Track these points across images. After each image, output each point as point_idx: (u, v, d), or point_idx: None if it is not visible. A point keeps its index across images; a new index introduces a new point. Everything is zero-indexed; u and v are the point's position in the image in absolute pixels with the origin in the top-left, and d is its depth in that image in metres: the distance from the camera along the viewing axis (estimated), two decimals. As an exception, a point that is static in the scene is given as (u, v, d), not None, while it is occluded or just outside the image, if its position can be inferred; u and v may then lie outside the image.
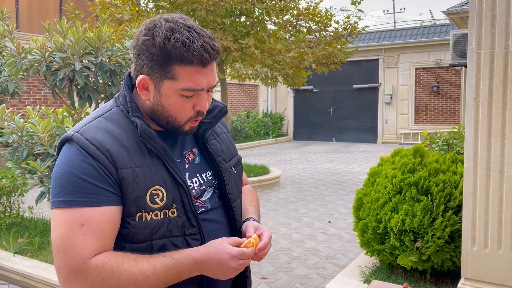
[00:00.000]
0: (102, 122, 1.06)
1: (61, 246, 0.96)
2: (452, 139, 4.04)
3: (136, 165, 1.02)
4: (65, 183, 0.98)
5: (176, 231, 1.05)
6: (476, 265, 2.68)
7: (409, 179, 3.20)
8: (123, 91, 1.11)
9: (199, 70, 1.01)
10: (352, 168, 10.13)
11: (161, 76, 1.02)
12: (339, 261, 4.22)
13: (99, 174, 0.98)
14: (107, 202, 0.98)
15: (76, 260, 0.94)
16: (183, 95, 1.03)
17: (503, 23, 2.50)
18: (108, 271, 0.95)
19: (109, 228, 0.98)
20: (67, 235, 0.95)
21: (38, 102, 9.08)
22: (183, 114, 1.07)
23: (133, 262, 0.97)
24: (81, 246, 0.95)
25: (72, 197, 0.97)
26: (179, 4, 6.86)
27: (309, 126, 17.12)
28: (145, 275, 0.97)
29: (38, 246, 3.92)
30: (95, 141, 1.00)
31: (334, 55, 8.17)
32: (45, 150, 3.60)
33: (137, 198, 1.01)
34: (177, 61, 0.99)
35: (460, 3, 9.40)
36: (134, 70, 1.08)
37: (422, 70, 14.79)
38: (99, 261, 0.95)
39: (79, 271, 0.94)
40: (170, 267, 0.99)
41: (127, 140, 1.04)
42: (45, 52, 3.65)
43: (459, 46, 8.51)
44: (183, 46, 0.98)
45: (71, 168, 0.99)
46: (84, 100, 3.81)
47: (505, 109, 2.53)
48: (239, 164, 1.29)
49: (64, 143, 1.05)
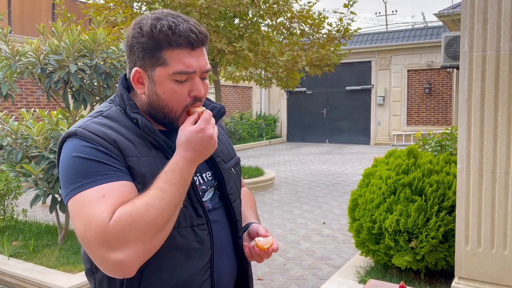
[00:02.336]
0: (102, 119, 1.05)
1: (85, 222, 0.91)
2: (445, 140, 4.09)
3: (141, 155, 1.02)
4: (77, 169, 0.95)
5: (183, 222, 1.04)
6: (470, 264, 2.71)
7: (403, 180, 3.24)
8: (120, 91, 1.11)
9: (189, 52, 1.02)
10: (346, 169, 10.18)
11: (153, 64, 1.02)
12: (334, 262, 4.25)
13: (110, 157, 0.97)
14: (125, 178, 0.97)
15: (99, 223, 0.89)
16: (176, 79, 1.03)
17: (494, 26, 2.55)
18: (128, 216, 0.90)
19: (131, 197, 0.95)
20: (89, 210, 0.91)
21: (31, 105, 9.02)
22: (179, 101, 1.05)
23: (141, 197, 0.94)
24: (102, 213, 0.90)
25: (86, 179, 0.94)
26: (173, 7, 6.86)
27: (302, 128, 17.17)
28: (158, 196, 0.94)
29: (33, 249, 3.90)
30: (101, 132, 0.99)
31: (327, 57, 8.22)
32: (40, 152, 3.59)
33: (144, 187, 0.98)
34: (166, 45, 1.01)
35: (452, 6, 9.51)
36: (128, 68, 1.09)
37: (414, 72, 14.91)
38: (115, 216, 0.90)
39: (104, 236, 0.89)
40: (170, 177, 0.97)
41: (130, 135, 1.04)
42: (40, 54, 3.65)
43: (450, 48, 8.60)
44: (169, 29, 1.00)
45: (79, 154, 0.96)
46: (79, 103, 3.81)
47: (497, 110, 2.57)
48: (238, 165, 1.29)
49: (65, 139, 1.02)
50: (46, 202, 3.81)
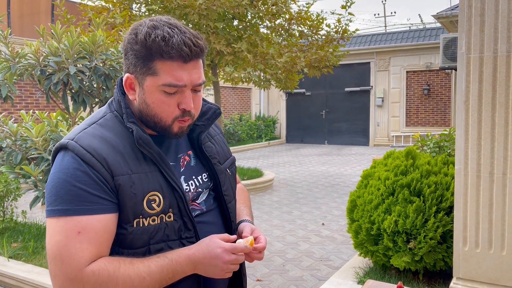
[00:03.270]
0: (97, 129, 1.05)
1: (57, 254, 0.95)
2: (443, 141, 4.10)
3: (132, 172, 1.02)
4: (60, 192, 0.97)
5: (173, 235, 1.06)
6: (468, 265, 2.73)
7: (401, 181, 3.25)
8: (117, 97, 1.10)
9: (180, 66, 1.01)
10: (345, 170, 10.19)
11: (144, 72, 1.02)
12: (333, 263, 4.26)
13: (95, 182, 0.98)
14: (103, 210, 0.98)
15: (73, 267, 0.94)
16: (165, 91, 1.02)
17: (492, 28, 2.56)
18: (105, 276, 0.95)
19: (105, 236, 0.98)
20: (63, 243, 0.95)
21: (30, 106, 9.03)
22: (167, 112, 1.05)
23: (129, 265, 0.97)
24: (78, 254, 0.94)
25: (68, 206, 0.96)
26: (172, 9, 6.88)
27: (301, 129, 17.19)
28: (141, 277, 0.97)
29: (32, 250, 3.91)
30: (91, 148, 1.00)
31: (326, 58, 8.24)
32: (39, 154, 3.60)
33: (134, 204, 1.01)
34: (157, 56, 0.99)
35: (450, 7, 9.54)
36: (124, 72, 1.09)
37: (413, 73, 14.94)
38: (95, 268, 0.95)
39: (75, 279, 0.94)
40: (165, 267, 1.00)
41: (123, 146, 1.04)
42: (39, 56, 3.66)
43: (449, 50, 8.62)
44: (162, 40, 0.98)
45: (66, 176, 0.98)
46: (78, 104, 3.82)
47: (494, 111, 2.59)
48: (233, 165, 1.30)
49: (58, 151, 1.04)
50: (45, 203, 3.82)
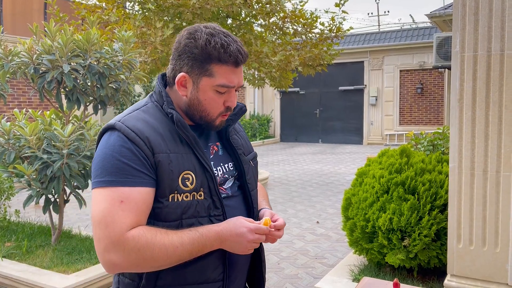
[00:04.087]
0: (140, 114, 1.19)
1: (102, 220, 1.07)
2: (437, 140, 4.13)
3: (170, 151, 1.15)
4: (107, 165, 1.10)
5: (203, 212, 1.18)
6: (462, 262, 2.75)
7: (396, 179, 3.27)
8: (158, 89, 1.25)
9: (233, 70, 1.18)
10: (339, 169, 10.22)
11: (200, 73, 1.17)
12: (328, 261, 4.27)
13: (137, 158, 1.10)
14: (143, 184, 1.10)
15: (116, 231, 1.06)
16: (218, 91, 1.18)
17: (485, 26, 2.58)
18: (143, 241, 1.07)
19: (144, 207, 1.10)
20: (108, 210, 1.07)
21: (23, 105, 8.96)
22: (215, 108, 1.21)
23: (164, 235, 1.09)
24: (120, 220, 1.07)
25: (113, 178, 1.09)
26: (166, 7, 6.85)
27: (295, 128, 17.21)
28: (174, 246, 1.09)
29: (26, 250, 3.88)
30: (135, 128, 1.13)
31: (320, 57, 8.25)
32: (33, 153, 3.58)
33: (171, 181, 1.13)
34: (215, 60, 1.15)
35: (443, 7, 9.59)
36: (172, 69, 1.22)
37: (407, 72, 15.01)
38: (135, 233, 1.07)
39: (117, 241, 1.06)
40: (196, 239, 1.11)
41: (162, 130, 1.17)
42: (32, 54, 3.63)
43: (442, 49, 8.67)
44: (221, 48, 1.14)
45: (112, 152, 1.11)
46: (72, 103, 3.79)
47: (488, 110, 2.61)
48: (255, 159, 1.43)
49: (105, 131, 1.17)
50: (39, 202, 3.80)
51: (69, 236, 4.32)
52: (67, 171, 3.56)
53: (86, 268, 3.52)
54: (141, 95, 12.36)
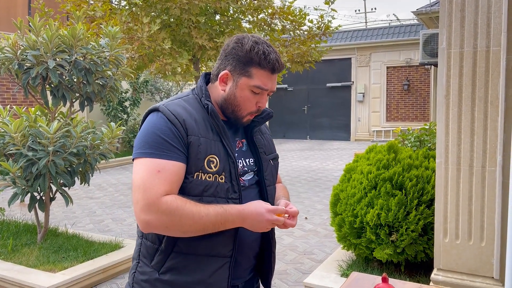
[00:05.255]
0: (181, 102, 1.38)
1: (141, 185, 1.24)
2: (423, 136, 4.17)
3: (201, 135, 1.31)
4: (149, 140, 1.28)
5: (221, 193, 1.32)
6: (448, 256, 2.78)
7: (383, 174, 3.29)
8: (200, 84, 1.43)
9: (269, 76, 1.35)
10: (327, 165, 10.27)
11: (241, 73, 1.35)
12: (316, 256, 4.29)
13: (174, 136, 1.28)
14: (177, 158, 1.27)
15: (152, 195, 1.23)
16: (253, 91, 1.35)
17: (472, 23, 2.61)
18: (175, 206, 1.23)
19: (176, 178, 1.27)
20: (147, 177, 1.24)
21: (7, 102, 8.81)
22: (247, 106, 1.38)
23: (193, 204, 1.25)
24: (156, 186, 1.23)
25: (153, 150, 1.27)
26: (153, 3, 6.79)
27: (283, 124, 17.23)
28: (200, 215, 1.24)
29: (12, 248, 3.82)
30: (175, 112, 1.31)
31: (309, 53, 8.26)
32: (18, 150, 3.52)
33: (198, 160, 1.29)
34: (256, 64, 1.33)
35: (429, 4, 9.67)
36: (217, 67, 1.40)
37: (393, 68, 15.12)
38: (168, 199, 1.23)
39: (153, 204, 1.22)
40: (220, 213, 1.26)
41: (197, 117, 1.34)
42: (17, 49, 3.57)
43: (428, 46, 8.75)
44: (263, 54, 1.32)
45: (154, 129, 1.29)
46: (58, 99, 3.74)
47: (474, 106, 2.64)
48: (276, 160, 1.58)
49: (151, 112, 1.35)
50: (24, 200, 3.74)
51: (56, 234, 4.26)
52: (53, 168, 3.51)
53: (72, 267, 3.48)
54: (128, 91, 12.21)
